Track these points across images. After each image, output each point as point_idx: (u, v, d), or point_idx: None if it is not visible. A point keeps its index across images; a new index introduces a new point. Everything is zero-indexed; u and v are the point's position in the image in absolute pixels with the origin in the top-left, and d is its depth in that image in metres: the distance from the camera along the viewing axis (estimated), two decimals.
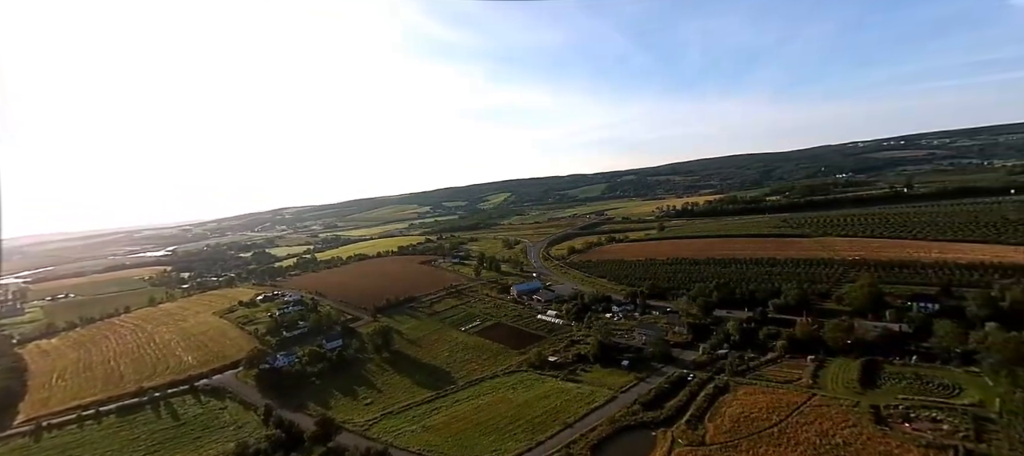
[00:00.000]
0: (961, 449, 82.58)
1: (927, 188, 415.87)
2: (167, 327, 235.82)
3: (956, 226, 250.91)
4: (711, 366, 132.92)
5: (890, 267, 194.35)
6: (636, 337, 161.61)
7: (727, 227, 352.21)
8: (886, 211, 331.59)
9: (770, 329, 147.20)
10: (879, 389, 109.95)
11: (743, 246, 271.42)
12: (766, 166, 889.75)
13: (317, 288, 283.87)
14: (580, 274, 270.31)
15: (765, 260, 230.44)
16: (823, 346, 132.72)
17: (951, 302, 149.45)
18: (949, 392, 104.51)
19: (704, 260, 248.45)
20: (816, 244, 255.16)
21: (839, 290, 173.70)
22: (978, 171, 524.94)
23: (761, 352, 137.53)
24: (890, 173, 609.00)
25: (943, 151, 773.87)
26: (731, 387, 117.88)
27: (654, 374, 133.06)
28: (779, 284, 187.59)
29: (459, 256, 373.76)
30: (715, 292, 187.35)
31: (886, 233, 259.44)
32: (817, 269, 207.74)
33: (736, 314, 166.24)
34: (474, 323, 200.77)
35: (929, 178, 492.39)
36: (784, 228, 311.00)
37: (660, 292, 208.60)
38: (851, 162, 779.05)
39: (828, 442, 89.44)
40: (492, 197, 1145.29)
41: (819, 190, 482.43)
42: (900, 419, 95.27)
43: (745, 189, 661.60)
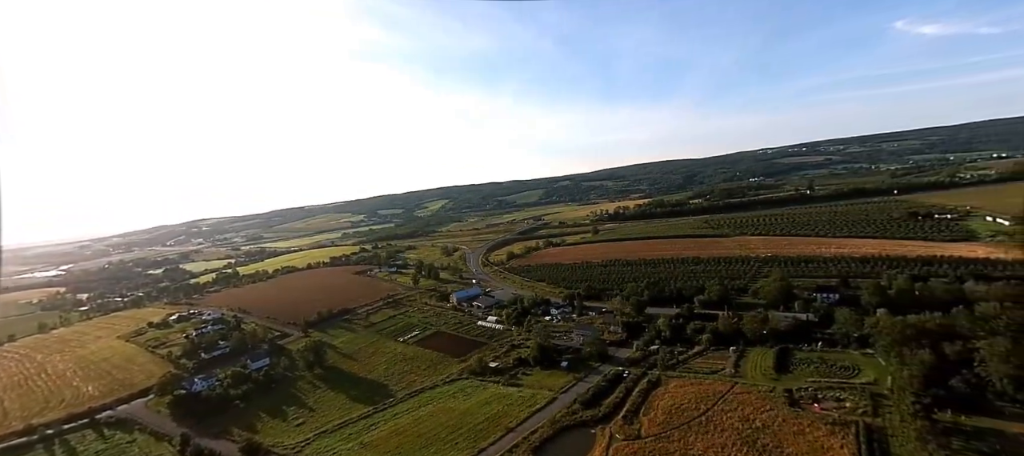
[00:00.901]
0: (860, 424, 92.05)
1: (826, 190, 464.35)
2: (62, 355, 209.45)
3: (851, 224, 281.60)
4: (644, 362, 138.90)
5: (797, 262, 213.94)
6: (574, 338, 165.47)
7: (656, 229, 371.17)
8: (792, 211, 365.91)
9: (696, 324, 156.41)
10: (791, 374, 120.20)
11: (670, 247, 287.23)
12: (690, 171, 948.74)
13: (240, 305, 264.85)
14: (519, 279, 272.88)
15: (690, 259, 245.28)
16: (743, 337, 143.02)
17: (849, 292, 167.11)
18: (849, 373, 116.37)
19: (636, 261, 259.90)
20: (734, 243, 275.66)
21: (755, 285, 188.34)
22: (867, 175, 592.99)
23: (689, 346, 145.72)
24: (795, 177, 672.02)
25: (838, 157, 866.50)
26: (663, 381, 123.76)
27: (592, 373, 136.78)
28: (703, 281, 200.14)
29: (396, 265, 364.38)
30: (646, 291, 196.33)
31: (793, 231, 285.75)
32: (735, 266, 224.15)
33: (666, 311, 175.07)
34: (413, 333, 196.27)
35: (827, 181, 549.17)
36: (706, 229, 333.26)
37: (596, 293, 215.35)
38: (762, 167, 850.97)
39: (750, 426, 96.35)
40: (430, 204, 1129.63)
41: (736, 193, 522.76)
42: (810, 400, 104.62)
43: (671, 193, 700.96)
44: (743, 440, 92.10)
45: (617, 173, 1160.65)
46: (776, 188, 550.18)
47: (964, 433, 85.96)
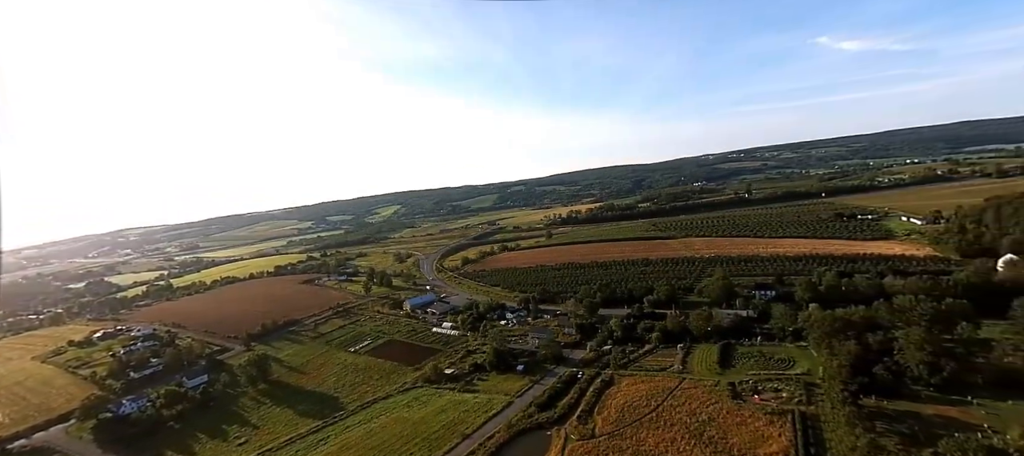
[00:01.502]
0: (796, 413, 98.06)
1: (762, 193, 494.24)
2: None
3: (784, 224, 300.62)
4: (598, 362, 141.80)
5: (738, 261, 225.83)
6: (530, 341, 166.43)
7: (607, 232, 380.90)
8: (732, 214, 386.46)
9: (647, 323, 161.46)
10: (734, 368, 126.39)
11: (621, 249, 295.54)
12: (638, 176, 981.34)
13: (175, 319, 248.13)
14: (474, 284, 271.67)
15: (640, 261, 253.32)
16: (689, 334, 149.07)
17: (784, 289, 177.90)
18: (786, 365, 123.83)
19: (588, 263, 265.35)
20: (680, 244, 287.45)
21: (700, 284, 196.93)
22: (798, 179, 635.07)
23: (640, 344, 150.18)
24: (734, 181, 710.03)
25: (773, 162, 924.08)
26: (616, 380, 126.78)
27: (547, 375, 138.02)
28: (652, 282, 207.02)
29: (346, 273, 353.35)
30: (599, 293, 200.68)
31: (733, 232, 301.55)
32: (682, 266, 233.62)
33: (618, 312, 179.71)
34: (364, 342, 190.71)
35: (763, 185, 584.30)
36: (654, 231, 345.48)
37: (550, 296, 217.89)
38: (705, 172, 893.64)
39: (696, 419, 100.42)
40: (382, 210, 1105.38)
41: (681, 197, 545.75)
42: (751, 392, 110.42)
43: (621, 197, 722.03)
44: (691, 433, 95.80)
45: (569, 178, 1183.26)
46: (718, 192, 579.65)
47: (887, 417, 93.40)
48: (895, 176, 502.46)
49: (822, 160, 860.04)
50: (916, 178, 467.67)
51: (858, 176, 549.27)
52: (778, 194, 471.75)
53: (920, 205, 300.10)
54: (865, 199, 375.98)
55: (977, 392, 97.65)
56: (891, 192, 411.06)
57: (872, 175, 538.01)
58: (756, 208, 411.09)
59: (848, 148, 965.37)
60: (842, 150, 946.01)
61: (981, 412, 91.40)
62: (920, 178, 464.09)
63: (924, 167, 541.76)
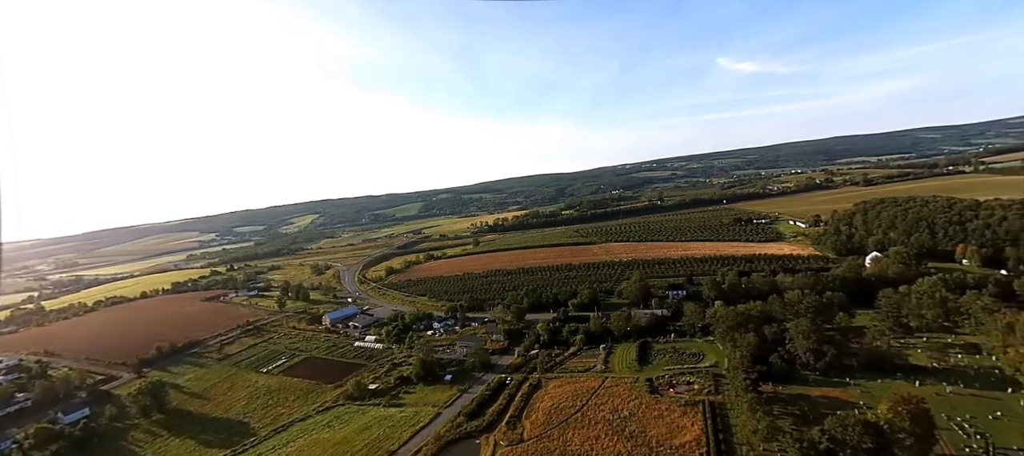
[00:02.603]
0: (706, 403, 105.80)
1: (672, 200, 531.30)
2: None
3: (692, 229, 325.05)
4: (526, 366, 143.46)
5: (653, 264, 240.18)
6: (458, 350, 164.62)
7: (533, 239, 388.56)
8: (647, 219, 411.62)
9: (571, 326, 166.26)
10: (652, 364, 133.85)
11: (546, 255, 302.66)
12: (561, 184, 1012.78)
13: (47, 346, 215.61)
14: (400, 294, 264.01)
15: (564, 266, 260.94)
16: (611, 335, 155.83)
17: (693, 288, 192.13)
18: (697, 359, 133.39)
19: (515, 270, 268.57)
20: (601, 249, 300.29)
21: (619, 286, 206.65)
22: (703, 187, 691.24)
23: (566, 347, 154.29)
24: (648, 189, 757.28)
25: (681, 172, 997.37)
26: (543, 383, 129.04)
27: (476, 383, 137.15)
28: (576, 286, 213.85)
29: (257, 288, 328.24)
30: (526, 298, 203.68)
31: (648, 237, 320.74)
32: (603, 270, 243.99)
33: (544, 316, 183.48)
34: (279, 361, 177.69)
35: (673, 193, 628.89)
36: (577, 237, 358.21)
37: (478, 304, 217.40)
38: (622, 181, 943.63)
39: (619, 416, 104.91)
40: (297, 219, 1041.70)
41: (601, 205, 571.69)
42: (667, 386, 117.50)
43: (545, 205, 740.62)
44: (614, 429, 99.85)
45: (495, 186, 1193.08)
46: (634, 199, 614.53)
47: (782, 400, 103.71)
48: (783, 185, 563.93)
49: (723, 170, 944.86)
50: (800, 186, 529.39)
51: (753, 185, 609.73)
52: (686, 201, 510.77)
53: (803, 210, 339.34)
54: (759, 205, 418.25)
55: (853, 374, 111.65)
56: (780, 199, 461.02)
57: (764, 184, 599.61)
58: (668, 214, 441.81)
59: (744, 159, 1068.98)
60: (739, 161, 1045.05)
61: (857, 391, 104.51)
62: (803, 186, 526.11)
63: (806, 176, 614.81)
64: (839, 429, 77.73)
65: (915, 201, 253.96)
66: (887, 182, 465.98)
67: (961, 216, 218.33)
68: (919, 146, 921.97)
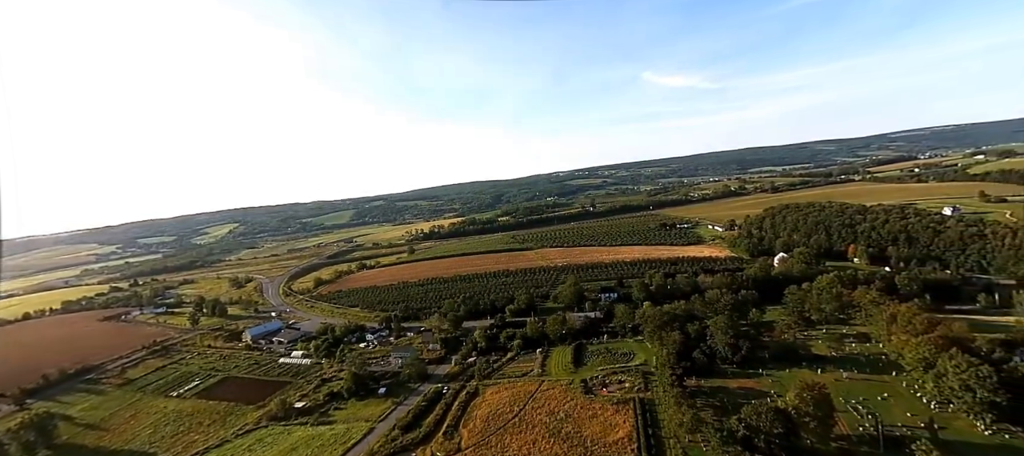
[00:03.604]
0: (637, 400, 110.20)
1: (604, 207, 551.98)
2: None
3: (622, 234, 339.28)
4: (463, 375, 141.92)
5: (586, 268, 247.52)
6: (392, 362, 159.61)
7: (469, 246, 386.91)
8: (580, 225, 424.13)
9: (509, 332, 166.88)
10: (586, 365, 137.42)
11: (483, 262, 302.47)
12: (497, 191, 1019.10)
13: None
14: (330, 306, 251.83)
15: (501, 272, 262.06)
16: (547, 338, 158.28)
17: (624, 290, 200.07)
18: (627, 358, 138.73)
19: (452, 277, 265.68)
20: (537, 255, 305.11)
21: (555, 291, 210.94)
22: (632, 194, 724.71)
23: (503, 353, 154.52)
24: (581, 196, 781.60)
25: (611, 180, 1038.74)
26: (481, 390, 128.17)
27: (412, 395, 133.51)
28: (513, 292, 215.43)
29: (166, 304, 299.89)
30: (463, 306, 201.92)
31: (582, 242, 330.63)
32: (539, 276, 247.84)
33: (481, 323, 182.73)
34: (192, 384, 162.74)
35: (605, 200, 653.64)
36: (513, 243, 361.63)
37: (414, 313, 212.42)
38: (556, 188, 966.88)
39: (555, 418, 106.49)
40: (213, 229, 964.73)
41: (536, 211, 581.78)
42: (601, 386, 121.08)
43: (482, 211, 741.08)
44: (550, 432, 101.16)
45: (431, 193, 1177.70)
46: (568, 206, 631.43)
47: (704, 393, 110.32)
48: (702, 192, 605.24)
49: (649, 178, 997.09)
50: (717, 193, 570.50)
51: (676, 192, 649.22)
52: (617, 208, 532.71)
53: (720, 215, 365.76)
54: (682, 211, 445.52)
55: (765, 365, 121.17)
56: (700, 205, 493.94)
57: (686, 191, 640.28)
58: (600, 220, 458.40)
59: (668, 168, 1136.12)
60: (664, 170, 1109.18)
61: (769, 381, 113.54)
62: (720, 193, 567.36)
63: (722, 184, 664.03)
64: (754, 417, 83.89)
65: (814, 207, 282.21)
66: (791, 189, 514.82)
67: (851, 220, 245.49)
68: (817, 157, 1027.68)
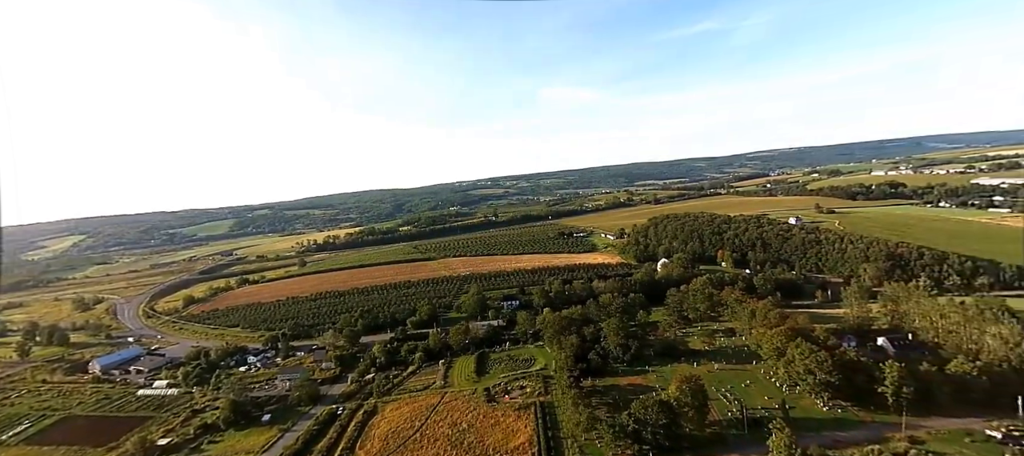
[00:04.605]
0: (537, 404, 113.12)
1: (506, 216, 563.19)
2: None
3: (524, 243, 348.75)
4: (360, 393, 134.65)
5: (489, 277, 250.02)
6: (279, 385, 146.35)
7: (368, 257, 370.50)
8: (483, 235, 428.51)
9: (410, 344, 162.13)
10: (489, 374, 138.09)
11: (383, 273, 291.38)
12: (398, 200, 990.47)
13: None
14: (204, 328, 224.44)
15: (403, 283, 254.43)
16: (450, 349, 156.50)
17: (525, 298, 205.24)
18: (528, 364, 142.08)
19: (349, 290, 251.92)
20: (440, 265, 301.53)
21: (458, 301, 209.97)
22: (533, 204, 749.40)
23: (404, 367, 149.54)
24: (484, 205, 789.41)
25: (513, 190, 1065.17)
26: (379, 408, 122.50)
27: (302, 419, 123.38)
28: (415, 303, 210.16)
29: None
30: (360, 320, 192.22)
31: (485, 251, 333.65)
32: (442, 286, 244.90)
33: (381, 337, 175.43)
34: (18, 428, 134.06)
35: (507, 210, 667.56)
36: (415, 254, 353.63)
37: (305, 330, 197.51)
38: (459, 197, 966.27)
39: (458, 429, 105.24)
40: (52, 242, 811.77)
41: (439, 220, 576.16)
42: (503, 393, 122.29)
43: (382, 221, 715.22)
44: (453, 444, 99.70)
45: (324, 201, 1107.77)
46: (471, 215, 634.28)
47: (598, 392, 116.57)
48: (596, 203, 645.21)
49: (548, 189, 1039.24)
50: (609, 204, 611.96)
51: (573, 202, 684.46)
52: (518, 217, 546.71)
53: (611, 224, 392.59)
54: (578, 221, 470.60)
55: (651, 362, 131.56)
56: (594, 215, 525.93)
57: (582, 201, 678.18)
58: (502, 229, 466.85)
59: (565, 179, 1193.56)
60: (560, 181, 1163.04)
61: (654, 376, 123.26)
62: (611, 204, 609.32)
63: (613, 196, 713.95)
64: (641, 411, 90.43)
65: (689, 217, 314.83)
66: (671, 201, 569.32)
67: (719, 228, 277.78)
68: (691, 172, 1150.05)
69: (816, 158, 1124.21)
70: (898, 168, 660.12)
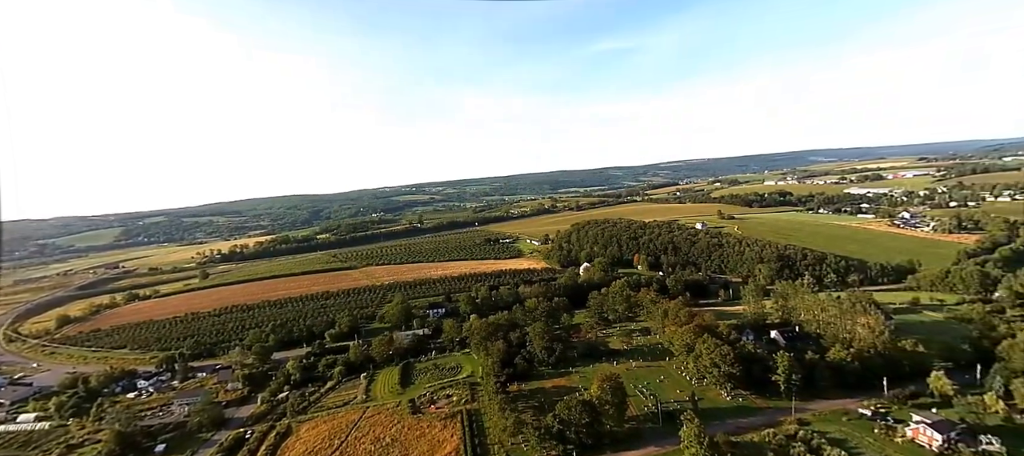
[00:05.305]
0: (464, 412, 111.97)
1: (432, 223, 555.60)
2: None
3: (450, 249, 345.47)
4: (272, 413, 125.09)
5: (415, 285, 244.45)
6: (176, 410, 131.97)
7: (282, 267, 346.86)
8: (408, 242, 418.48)
9: (329, 359, 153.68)
10: (414, 385, 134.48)
11: (299, 284, 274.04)
12: (316, 207, 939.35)
13: None
14: (83, 351, 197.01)
15: (320, 294, 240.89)
16: (373, 362, 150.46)
17: (452, 305, 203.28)
18: (455, 372, 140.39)
19: (259, 304, 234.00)
20: (362, 274, 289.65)
21: (381, 311, 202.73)
22: (459, 210, 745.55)
23: (322, 383, 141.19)
24: (408, 212, 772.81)
25: (439, 196, 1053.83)
26: (294, 428, 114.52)
27: (204, 446, 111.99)
28: (334, 315, 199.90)
29: None
30: (272, 335, 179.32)
31: (410, 259, 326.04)
32: (364, 296, 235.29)
33: (296, 352, 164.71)
34: None
35: (433, 216, 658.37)
36: (335, 263, 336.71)
37: (208, 349, 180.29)
38: (382, 203, 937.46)
39: (381, 445, 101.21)
40: None
41: (360, 228, 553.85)
42: (429, 403, 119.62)
43: (297, 228, 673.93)
44: None
45: (230, 207, 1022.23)
46: (395, 222, 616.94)
47: (525, 396, 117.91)
48: (521, 209, 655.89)
49: (474, 195, 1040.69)
50: (534, 210, 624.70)
51: (499, 209, 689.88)
52: (444, 224, 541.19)
53: (536, 230, 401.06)
54: (504, 227, 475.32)
55: (575, 363, 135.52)
56: (519, 221, 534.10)
57: (507, 208, 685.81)
58: (428, 236, 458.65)
59: (491, 185, 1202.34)
60: (487, 187, 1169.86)
61: (577, 377, 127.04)
62: (536, 210, 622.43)
63: (538, 202, 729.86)
64: (565, 412, 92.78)
65: (609, 222, 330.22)
66: (592, 208, 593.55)
67: (636, 233, 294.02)
68: (610, 180, 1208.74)
69: (719, 169, 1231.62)
70: (786, 179, 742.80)
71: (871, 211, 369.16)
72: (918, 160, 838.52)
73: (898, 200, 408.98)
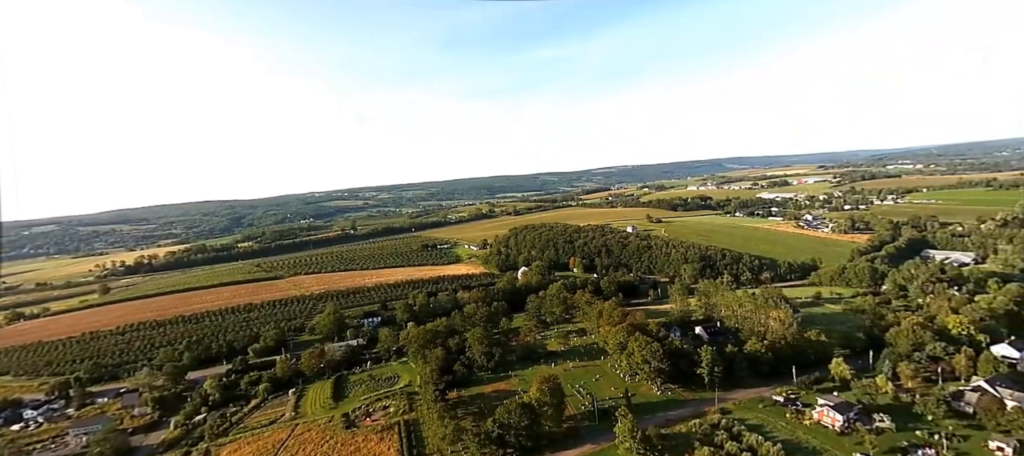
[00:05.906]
0: (401, 423, 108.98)
1: (366, 229, 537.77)
2: None
3: (386, 256, 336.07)
4: (187, 438, 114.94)
5: (348, 294, 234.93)
6: (71, 441, 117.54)
7: (197, 279, 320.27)
8: (340, 249, 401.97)
9: (252, 375, 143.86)
10: (348, 398, 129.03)
11: (217, 296, 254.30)
12: (236, 213, 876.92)
13: None
14: None
15: (243, 307, 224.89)
16: (302, 376, 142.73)
17: (388, 313, 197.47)
18: (392, 382, 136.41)
19: (170, 319, 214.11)
20: (289, 284, 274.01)
21: (311, 322, 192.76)
22: (395, 216, 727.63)
23: (245, 402, 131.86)
24: (341, 218, 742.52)
25: (374, 202, 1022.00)
26: (213, 453, 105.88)
27: None
28: (258, 328, 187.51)
29: None
30: (187, 353, 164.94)
31: (342, 267, 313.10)
32: (292, 307, 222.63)
33: (215, 370, 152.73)
34: None
35: (366, 222, 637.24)
36: (259, 273, 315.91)
37: (111, 371, 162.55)
38: (311, 209, 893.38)
39: None
40: None
41: (287, 235, 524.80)
42: (364, 416, 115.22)
43: (215, 237, 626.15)
44: None
45: (136, 214, 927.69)
46: (325, 229, 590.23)
47: (464, 403, 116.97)
48: (459, 214, 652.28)
49: (411, 201, 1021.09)
50: (472, 215, 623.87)
51: (436, 214, 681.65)
52: (379, 230, 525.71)
53: (475, 235, 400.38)
54: (441, 232, 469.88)
55: (514, 367, 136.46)
56: (457, 226, 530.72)
57: (445, 213, 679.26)
58: (362, 243, 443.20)
59: (428, 191, 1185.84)
60: (424, 193, 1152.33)
61: (516, 380, 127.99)
62: (474, 215, 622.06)
63: (475, 207, 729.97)
64: (505, 416, 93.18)
65: (545, 227, 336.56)
66: (529, 212, 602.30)
67: (571, 237, 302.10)
68: (546, 185, 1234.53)
69: (646, 175, 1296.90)
70: (706, 184, 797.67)
71: (780, 214, 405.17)
72: (818, 167, 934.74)
73: (802, 204, 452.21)
